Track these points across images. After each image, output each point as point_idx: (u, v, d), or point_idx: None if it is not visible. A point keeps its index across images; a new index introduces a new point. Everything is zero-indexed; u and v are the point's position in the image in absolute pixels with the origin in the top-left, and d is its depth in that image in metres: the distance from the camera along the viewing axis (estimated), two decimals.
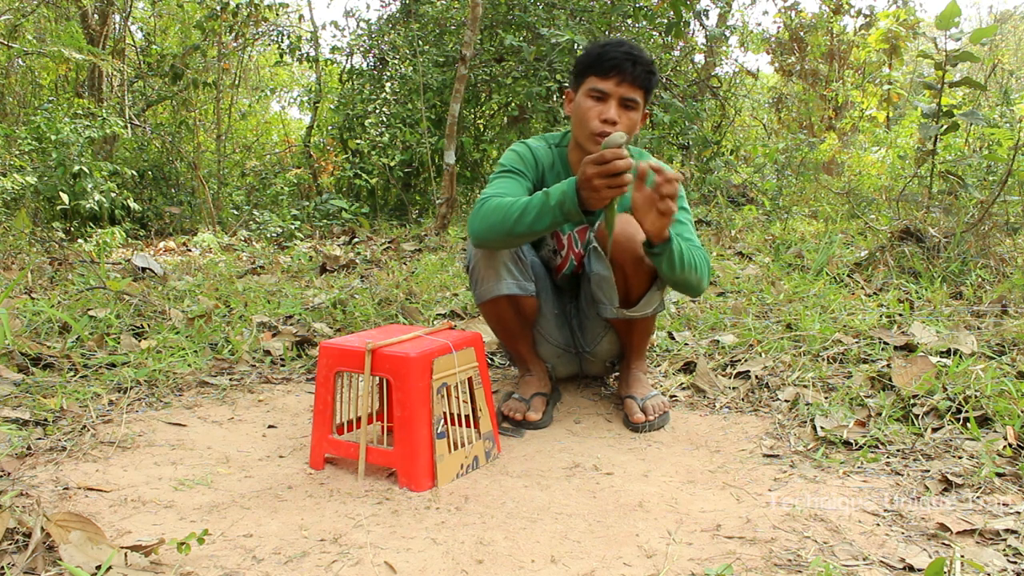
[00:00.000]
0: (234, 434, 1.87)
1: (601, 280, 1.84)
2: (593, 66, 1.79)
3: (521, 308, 1.92)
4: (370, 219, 6.78)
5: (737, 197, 6.25)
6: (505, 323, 1.95)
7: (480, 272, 1.85)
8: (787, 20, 8.82)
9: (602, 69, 1.78)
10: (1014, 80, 8.57)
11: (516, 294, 1.85)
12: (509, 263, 1.84)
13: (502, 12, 6.95)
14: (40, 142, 5.89)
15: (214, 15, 7.16)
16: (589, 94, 1.80)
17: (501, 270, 1.83)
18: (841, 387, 1.95)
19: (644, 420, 1.88)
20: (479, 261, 1.84)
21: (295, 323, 2.86)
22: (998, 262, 3.04)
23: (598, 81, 1.79)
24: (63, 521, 1.20)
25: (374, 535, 1.33)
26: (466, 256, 1.90)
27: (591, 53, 1.82)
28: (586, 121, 1.80)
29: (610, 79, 1.78)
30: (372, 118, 7.27)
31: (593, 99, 1.80)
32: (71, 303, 2.92)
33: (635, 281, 1.81)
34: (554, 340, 2.06)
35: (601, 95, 1.79)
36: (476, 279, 1.87)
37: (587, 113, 1.80)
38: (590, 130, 1.79)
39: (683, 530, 1.34)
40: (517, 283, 1.85)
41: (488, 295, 1.85)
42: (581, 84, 1.83)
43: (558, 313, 2.05)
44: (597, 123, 1.78)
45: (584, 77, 1.82)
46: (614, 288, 1.82)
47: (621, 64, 1.77)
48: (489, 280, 1.84)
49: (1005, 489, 1.42)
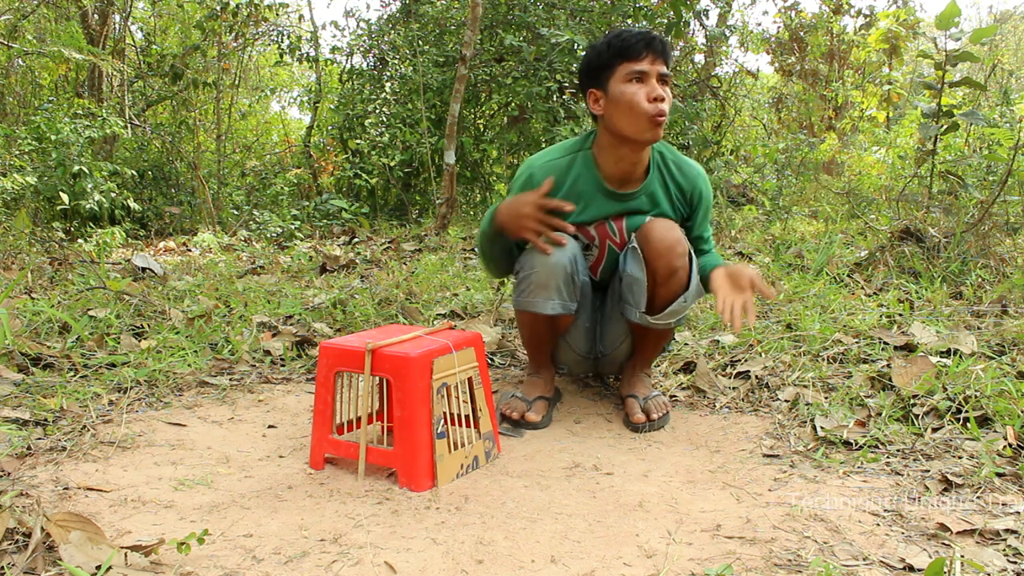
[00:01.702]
0: (234, 434, 1.87)
1: (633, 281, 1.83)
2: (623, 53, 1.74)
3: (557, 323, 1.92)
4: (370, 219, 6.78)
5: (737, 197, 6.25)
6: (537, 333, 1.95)
7: (531, 284, 1.80)
8: (787, 20, 8.82)
9: (634, 52, 1.73)
10: (1014, 80, 8.56)
11: (559, 314, 1.84)
12: (562, 284, 1.80)
13: (502, 12, 6.95)
14: (40, 142, 5.88)
15: (214, 15, 7.16)
16: (627, 79, 1.74)
17: (552, 290, 1.79)
18: (841, 387, 1.95)
19: (645, 420, 1.89)
20: (535, 273, 1.79)
21: (295, 323, 2.86)
22: (998, 262, 3.04)
23: (633, 64, 1.73)
24: (63, 521, 1.20)
25: (374, 535, 1.33)
26: (520, 259, 1.86)
27: (611, 45, 1.76)
28: (637, 106, 1.72)
29: (644, 59, 1.73)
30: (372, 118, 7.27)
31: (634, 84, 1.74)
32: (71, 303, 2.92)
33: (664, 290, 1.81)
34: (578, 348, 2.05)
35: (641, 75, 1.73)
36: (524, 287, 1.82)
37: (634, 98, 1.72)
38: (646, 113, 1.72)
39: (683, 530, 1.34)
40: (563, 304, 1.83)
41: (531, 308, 1.82)
42: (611, 76, 1.76)
43: (588, 326, 2.02)
44: (649, 105, 1.72)
45: (612, 68, 1.76)
46: (644, 292, 1.81)
47: (650, 42, 1.74)
48: (537, 295, 1.80)
49: (1005, 489, 1.42)
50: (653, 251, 1.78)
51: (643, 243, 1.81)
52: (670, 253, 1.76)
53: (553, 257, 1.78)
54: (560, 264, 1.79)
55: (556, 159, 1.89)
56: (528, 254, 1.83)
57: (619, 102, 1.75)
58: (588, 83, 1.83)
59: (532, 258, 1.81)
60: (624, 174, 1.85)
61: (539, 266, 1.79)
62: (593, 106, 1.82)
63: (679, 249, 1.77)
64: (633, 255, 1.83)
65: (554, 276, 1.79)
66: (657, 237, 1.78)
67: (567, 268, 1.80)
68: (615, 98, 1.76)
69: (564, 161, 1.88)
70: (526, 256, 1.84)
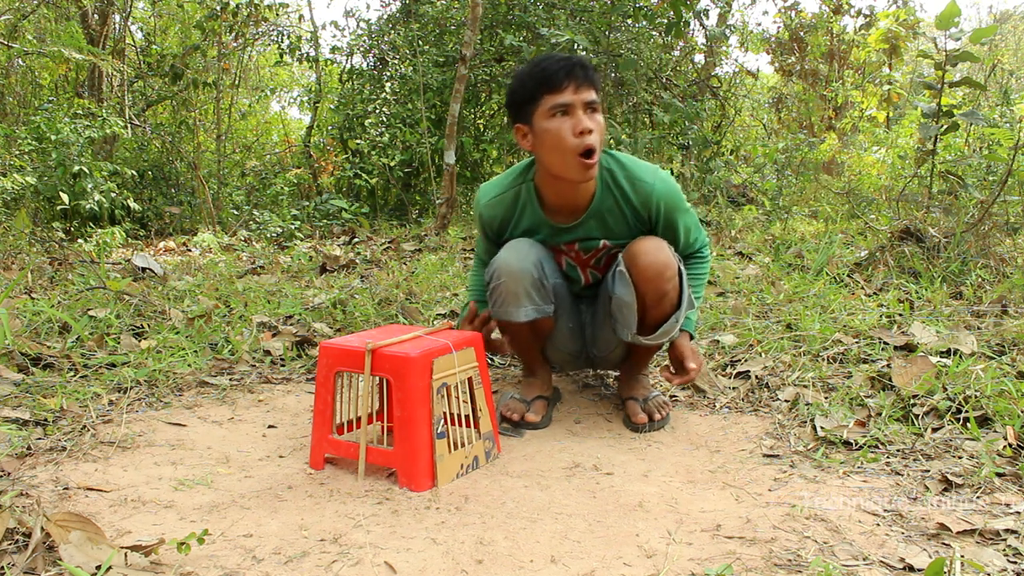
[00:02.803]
0: (234, 434, 1.87)
1: (622, 304, 1.80)
2: (544, 84, 1.65)
3: (537, 327, 1.91)
4: (370, 219, 6.78)
5: (737, 197, 6.26)
6: (519, 339, 1.95)
7: (501, 294, 1.80)
8: (787, 20, 8.82)
9: (556, 82, 1.64)
10: (1014, 80, 8.56)
11: (534, 319, 1.84)
12: (531, 289, 1.79)
13: (502, 12, 6.95)
14: (40, 142, 5.88)
15: (214, 15, 7.16)
16: (551, 114, 1.65)
17: (522, 297, 1.79)
18: (841, 387, 1.95)
19: (647, 421, 1.88)
20: (502, 284, 1.79)
21: (295, 323, 2.86)
22: (998, 262, 3.04)
23: (555, 96, 1.64)
24: (63, 521, 1.20)
25: (374, 535, 1.33)
26: (487, 270, 1.86)
27: (532, 76, 1.68)
28: (563, 142, 1.65)
29: (567, 89, 1.64)
30: (372, 118, 7.27)
31: (558, 117, 1.65)
32: (71, 303, 2.92)
33: (655, 312, 1.79)
34: (566, 349, 2.04)
35: (565, 107, 1.65)
36: (496, 298, 1.82)
37: (559, 133, 1.64)
38: (572, 149, 1.64)
39: (683, 530, 1.34)
40: (536, 308, 1.82)
41: (505, 317, 1.83)
42: (534, 110, 1.68)
43: (573, 327, 2.01)
44: (576, 140, 1.64)
45: (535, 102, 1.67)
46: (634, 314, 1.79)
47: (571, 70, 1.65)
48: (508, 304, 1.80)
49: (1005, 489, 1.42)
50: (640, 276, 1.74)
51: (630, 266, 1.76)
52: (659, 278, 1.73)
53: (517, 265, 1.77)
54: (525, 271, 1.77)
55: (501, 194, 1.86)
56: (494, 264, 1.81)
57: (545, 138, 1.67)
58: (514, 117, 1.75)
59: (498, 268, 1.80)
60: (567, 204, 1.80)
61: (505, 276, 1.78)
62: (521, 141, 1.74)
63: (667, 273, 1.73)
64: (621, 278, 1.78)
65: (521, 283, 1.78)
66: (644, 263, 1.73)
67: (533, 274, 1.78)
68: (540, 135, 1.68)
69: (509, 196, 1.86)
70: (492, 266, 1.82)
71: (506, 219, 1.88)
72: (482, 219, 1.92)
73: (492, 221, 1.90)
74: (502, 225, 1.90)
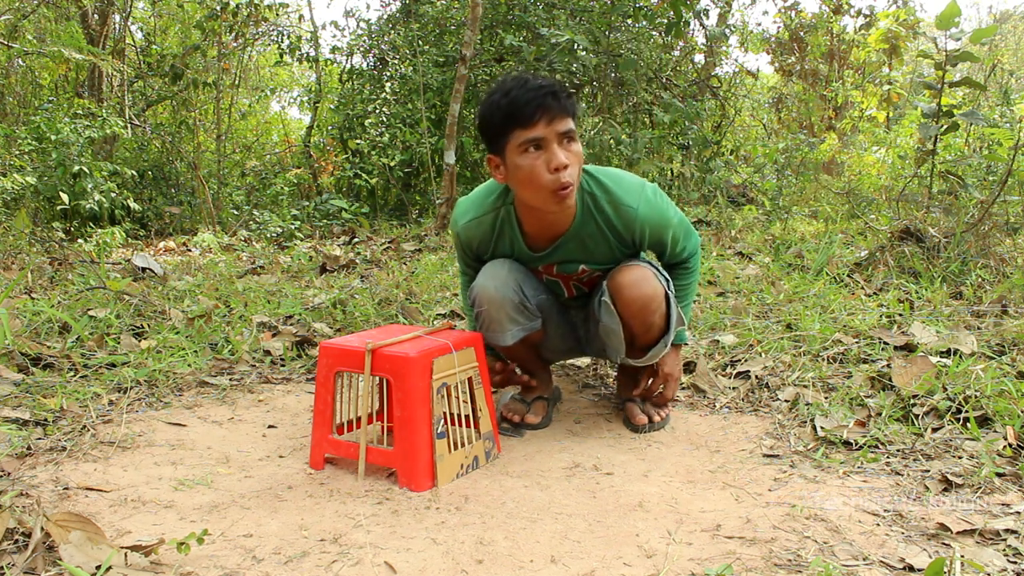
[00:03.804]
0: (234, 434, 1.87)
1: (609, 332, 1.79)
2: (512, 119, 1.55)
3: (527, 340, 1.89)
4: (370, 219, 6.78)
5: (737, 197, 6.25)
6: (511, 354, 1.94)
7: (485, 320, 1.79)
8: (787, 20, 8.81)
9: (525, 117, 1.53)
10: (1014, 80, 8.57)
11: (522, 337, 1.83)
12: (514, 313, 1.77)
13: (502, 12, 6.95)
14: (40, 142, 5.88)
15: (214, 15, 7.16)
16: (523, 149, 1.55)
17: (506, 322, 1.78)
18: (841, 387, 1.95)
19: (647, 422, 1.88)
20: (484, 311, 1.77)
21: (295, 323, 2.86)
22: (998, 262, 3.04)
23: (526, 132, 1.54)
24: (63, 521, 1.20)
25: (374, 535, 1.33)
26: (470, 294, 1.82)
27: (501, 108, 1.57)
28: (537, 180, 1.56)
29: (539, 123, 1.54)
30: (372, 118, 7.27)
31: (531, 153, 1.56)
32: (71, 303, 2.92)
33: (643, 339, 1.79)
34: (559, 349, 2.04)
35: (538, 142, 1.55)
36: (481, 323, 1.81)
37: (533, 171, 1.56)
38: (548, 188, 1.56)
39: (683, 530, 1.34)
40: (522, 327, 1.81)
41: (494, 342, 1.82)
42: (505, 144, 1.58)
43: (565, 331, 2.01)
44: (551, 177, 1.55)
45: (505, 136, 1.57)
46: (622, 341, 1.79)
47: (542, 102, 1.53)
48: (494, 330, 1.79)
49: (1005, 489, 1.42)
50: (626, 310, 1.72)
51: (615, 298, 1.73)
52: (644, 311, 1.71)
53: (496, 293, 1.74)
54: (506, 298, 1.75)
55: (479, 217, 1.79)
56: (474, 290, 1.78)
57: (517, 175, 1.59)
58: (487, 146, 1.66)
59: (478, 295, 1.77)
60: (547, 230, 1.74)
61: (486, 303, 1.76)
62: (494, 172, 1.65)
63: (652, 305, 1.71)
64: (606, 309, 1.76)
65: (503, 309, 1.76)
66: (628, 297, 1.70)
67: (513, 299, 1.76)
68: (514, 169, 1.59)
69: (488, 219, 1.78)
70: (473, 292, 1.79)
71: (484, 241, 1.82)
72: (459, 239, 1.87)
73: (470, 242, 1.84)
74: (480, 247, 1.85)
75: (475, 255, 1.89)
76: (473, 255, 1.89)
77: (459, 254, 1.97)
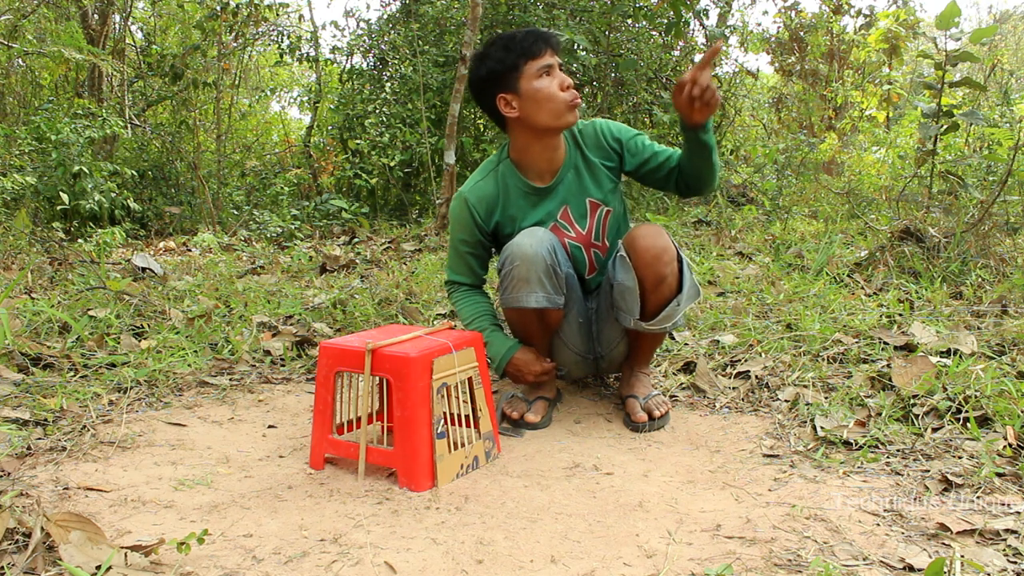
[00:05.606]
0: (234, 434, 1.87)
1: (624, 290, 1.84)
2: (526, 53, 1.84)
3: (546, 318, 1.91)
4: (370, 219, 6.78)
5: (737, 197, 6.25)
6: (527, 328, 1.94)
7: (513, 279, 1.81)
8: (787, 20, 8.81)
9: (537, 49, 1.84)
10: (1014, 80, 8.57)
11: (545, 307, 1.84)
12: (543, 276, 1.80)
13: (502, 12, 6.95)
14: (40, 142, 5.88)
15: (214, 15, 7.15)
16: (538, 75, 1.84)
17: (534, 283, 1.80)
18: (841, 387, 1.95)
19: (647, 419, 1.89)
20: (516, 267, 1.80)
21: (295, 323, 2.86)
22: (998, 262, 3.04)
23: (538, 60, 1.84)
24: (63, 521, 1.20)
25: (374, 535, 1.33)
26: (500, 257, 1.88)
27: (511, 49, 1.85)
28: (555, 96, 1.83)
29: (545, 54, 1.84)
30: (372, 118, 7.26)
31: (545, 77, 1.84)
32: (71, 303, 2.92)
33: (655, 297, 1.81)
34: (575, 347, 2.04)
35: (548, 68, 1.84)
36: (507, 284, 1.83)
37: (549, 90, 1.83)
38: (564, 102, 1.84)
39: (683, 530, 1.34)
40: (548, 296, 1.82)
41: (516, 303, 1.82)
42: (519, 77, 1.85)
43: (583, 322, 2.02)
44: (563, 94, 1.84)
45: (519, 70, 1.85)
46: (637, 299, 1.82)
47: (546, 39, 1.86)
48: (520, 289, 1.81)
49: (1005, 489, 1.42)
50: (639, 260, 1.79)
51: (629, 250, 1.82)
52: (657, 262, 1.77)
53: (531, 250, 1.79)
54: (539, 256, 1.79)
55: (481, 182, 1.97)
56: (507, 251, 1.84)
57: (536, 97, 1.84)
58: (495, 90, 1.88)
59: (512, 253, 1.81)
60: (547, 163, 1.94)
61: (518, 260, 1.80)
62: (506, 109, 1.88)
63: (665, 257, 1.77)
64: (622, 263, 1.84)
65: (534, 268, 1.79)
66: (642, 247, 1.79)
67: (546, 259, 1.80)
68: (531, 95, 1.84)
69: (491, 181, 1.97)
70: (505, 253, 1.84)
71: (492, 198, 1.96)
72: (472, 210, 1.95)
73: (479, 203, 1.95)
74: (490, 207, 1.96)
75: (484, 220, 1.96)
76: (482, 222, 1.96)
77: (462, 237, 2.00)
